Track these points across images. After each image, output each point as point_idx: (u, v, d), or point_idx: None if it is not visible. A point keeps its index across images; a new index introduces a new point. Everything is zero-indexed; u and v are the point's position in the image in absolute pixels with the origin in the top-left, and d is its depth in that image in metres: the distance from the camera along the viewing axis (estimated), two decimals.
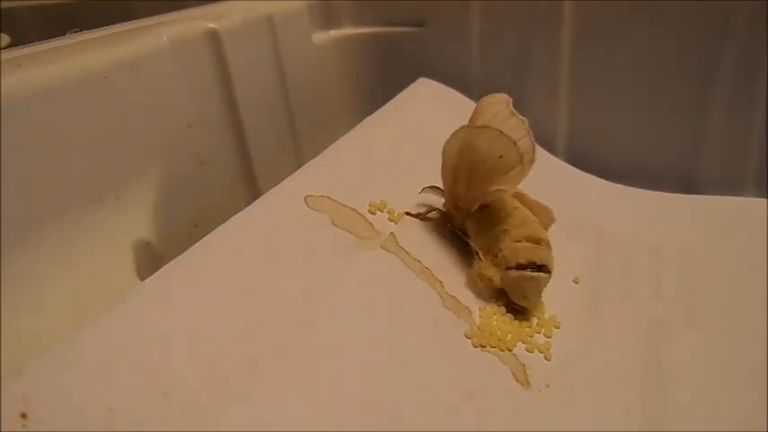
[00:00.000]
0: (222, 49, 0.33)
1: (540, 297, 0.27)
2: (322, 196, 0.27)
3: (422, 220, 0.29)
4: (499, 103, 0.27)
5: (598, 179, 0.39)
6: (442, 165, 0.28)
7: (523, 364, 0.24)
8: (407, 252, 0.26)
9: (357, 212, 0.27)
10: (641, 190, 0.39)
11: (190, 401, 0.17)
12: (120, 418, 0.16)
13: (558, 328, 0.26)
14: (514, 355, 0.24)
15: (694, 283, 0.30)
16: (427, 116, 0.38)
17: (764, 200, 0.35)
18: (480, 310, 0.26)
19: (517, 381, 0.23)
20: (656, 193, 0.39)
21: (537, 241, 0.26)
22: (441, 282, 0.26)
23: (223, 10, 0.35)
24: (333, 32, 0.45)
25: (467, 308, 0.25)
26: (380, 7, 0.45)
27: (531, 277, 0.26)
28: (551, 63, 0.41)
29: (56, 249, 0.23)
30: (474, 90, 0.43)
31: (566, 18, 0.40)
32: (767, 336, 0.25)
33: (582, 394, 0.23)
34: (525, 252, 0.26)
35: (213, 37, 0.32)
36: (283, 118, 0.39)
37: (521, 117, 0.26)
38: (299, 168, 0.29)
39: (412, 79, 0.41)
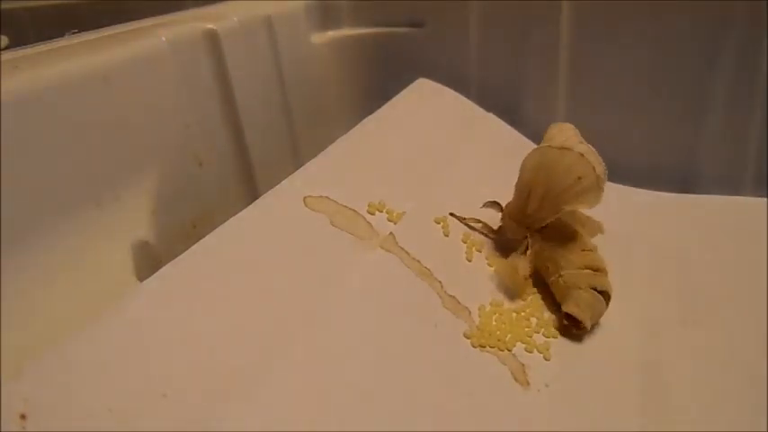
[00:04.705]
0: (221, 49, 0.33)
1: (598, 320, 0.27)
2: (321, 197, 0.27)
3: (465, 224, 0.30)
4: (569, 129, 0.28)
5: None
6: (518, 180, 0.28)
7: (523, 364, 0.24)
8: (407, 252, 0.26)
9: (356, 213, 0.27)
10: (641, 190, 0.39)
11: (189, 402, 0.17)
12: (119, 419, 0.16)
13: (557, 328, 0.26)
14: (513, 355, 0.24)
15: (694, 282, 0.30)
16: (426, 117, 0.38)
17: (764, 200, 0.35)
18: (479, 310, 0.26)
19: (516, 381, 0.23)
20: (656, 193, 0.39)
21: (597, 269, 0.27)
22: (440, 282, 0.26)
23: (221, 11, 0.35)
24: (331, 33, 0.45)
25: (466, 308, 0.25)
26: (379, 8, 0.45)
27: (598, 298, 0.26)
28: (550, 63, 0.41)
29: (55, 250, 0.23)
30: (472, 90, 0.43)
31: (564, 18, 0.40)
32: (767, 336, 0.25)
33: (581, 394, 0.23)
34: (587, 279, 0.26)
35: (212, 38, 0.32)
36: (282, 119, 0.39)
37: (588, 144, 0.27)
38: (297, 169, 0.29)
39: (410, 80, 0.41)
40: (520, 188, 0.28)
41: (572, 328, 0.26)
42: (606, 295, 0.26)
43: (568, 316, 0.26)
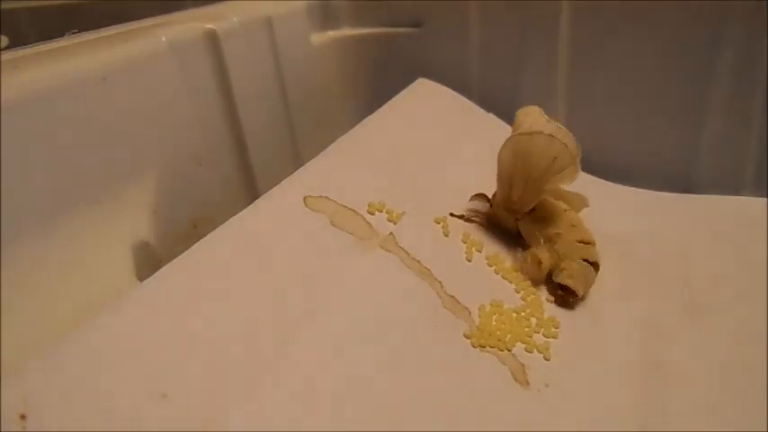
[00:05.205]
0: (221, 50, 0.33)
1: (588, 288, 0.28)
2: (321, 197, 0.27)
3: (465, 221, 0.31)
4: (534, 112, 0.29)
5: (598, 179, 0.39)
6: (498, 171, 0.30)
7: (522, 364, 0.24)
8: (407, 252, 0.26)
9: (356, 213, 0.27)
10: (641, 190, 0.39)
11: (188, 402, 0.17)
12: (119, 419, 0.16)
13: (557, 328, 0.26)
14: (513, 355, 0.24)
15: (694, 282, 0.30)
16: (426, 116, 0.38)
17: (764, 199, 0.35)
18: (479, 310, 0.26)
19: (516, 381, 0.23)
20: (656, 193, 0.39)
21: (587, 242, 0.29)
22: (440, 282, 0.26)
23: (221, 11, 0.35)
24: (331, 33, 0.45)
25: (466, 308, 0.25)
26: (379, 8, 0.45)
27: (589, 268, 0.28)
28: (549, 63, 0.41)
29: (55, 250, 0.23)
30: (472, 90, 0.43)
31: (564, 19, 0.40)
32: (767, 335, 0.25)
33: (581, 394, 0.23)
34: (580, 251, 0.28)
35: (212, 38, 0.32)
36: (282, 119, 0.39)
37: (555, 122, 0.28)
38: (297, 169, 0.29)
39: (410, 80, 0.41)
40: (501, 179, 0.30)
41: (567, 298, 0.28)
42: (596, 265, 0.28)
43: (562, 287, 0.28)
